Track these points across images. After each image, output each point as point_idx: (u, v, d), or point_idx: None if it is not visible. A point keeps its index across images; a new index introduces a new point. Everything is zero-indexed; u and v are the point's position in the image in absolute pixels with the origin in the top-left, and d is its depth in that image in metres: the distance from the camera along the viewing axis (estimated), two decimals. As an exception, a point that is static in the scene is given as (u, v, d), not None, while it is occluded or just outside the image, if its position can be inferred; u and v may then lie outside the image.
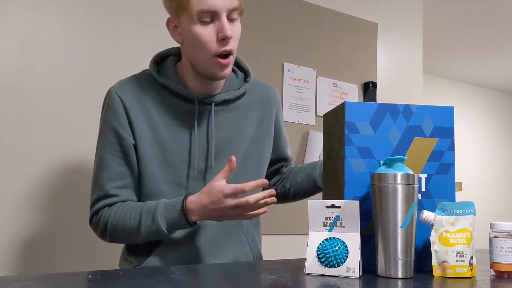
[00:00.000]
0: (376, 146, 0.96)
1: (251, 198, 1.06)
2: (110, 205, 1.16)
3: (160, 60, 1.24)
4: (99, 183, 1.17)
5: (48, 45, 1.77)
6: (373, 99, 2.64)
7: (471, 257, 0.87)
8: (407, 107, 0.98)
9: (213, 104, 1.20)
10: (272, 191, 1.09)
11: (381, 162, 0.92)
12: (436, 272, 0.88)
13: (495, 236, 0.90)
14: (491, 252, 0.91)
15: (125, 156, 1.16)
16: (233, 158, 1.07)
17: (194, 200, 1.09)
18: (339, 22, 2.59)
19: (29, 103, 1.72)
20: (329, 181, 1.06)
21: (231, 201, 1.06)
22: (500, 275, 0.89)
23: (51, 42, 1.78)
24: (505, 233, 0.89)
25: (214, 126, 1.20)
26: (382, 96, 2.71)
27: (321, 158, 1.46)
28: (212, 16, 1.10)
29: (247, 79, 1.29)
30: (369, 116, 0.97)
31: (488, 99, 5.99)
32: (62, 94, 1.78)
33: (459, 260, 0.87)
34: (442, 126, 0.98)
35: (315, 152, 2.47)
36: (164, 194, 1.17)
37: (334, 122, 1.03)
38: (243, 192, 1.06)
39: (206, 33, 1.10)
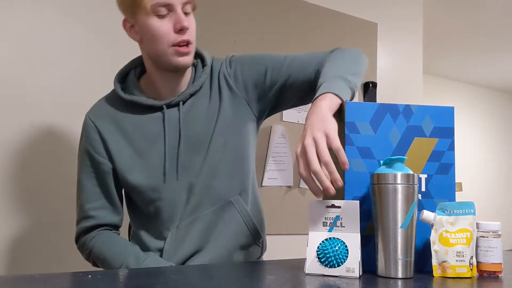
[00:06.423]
0: (376, 146, 0.96)
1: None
2: (90, 227, 1.24)
3: (123, 77, 1.29)
4: (79, 203, 1.25)
5: (48, 45, 1.77)
6: (373, 99, 2.64)
7: (471, 257, 0.87)
8: (407, 107, 0.98)
9: (181, 103, 1.22)
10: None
11: (381, 162, 0.92)
12: (436, 272, 0.88)
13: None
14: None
15: (100, 178, 1.23)
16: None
17: None
18: (339, 22, 2.59)
19: (28, 102, 1.72)
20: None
21: None
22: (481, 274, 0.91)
23: (51, 41, 1.78)
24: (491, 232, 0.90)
25: (186, 124, 1.21)
26: (382, 96, 2.71)
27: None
28: (168, 9, 1.13)
29: (205, 65, 1.27)
30: (369, 116, 0.97)
31: (488, 99, 5.99)
32: (61, 93, 1.79)
33: (459, 260, 0.87)
34: (442, 126, 0.98)
35: (315, 152, 2.46)
36: (153, 200, 1.22)
37: (334, 122, 1.03)
38: None
39: (163, 25, 1.13)
